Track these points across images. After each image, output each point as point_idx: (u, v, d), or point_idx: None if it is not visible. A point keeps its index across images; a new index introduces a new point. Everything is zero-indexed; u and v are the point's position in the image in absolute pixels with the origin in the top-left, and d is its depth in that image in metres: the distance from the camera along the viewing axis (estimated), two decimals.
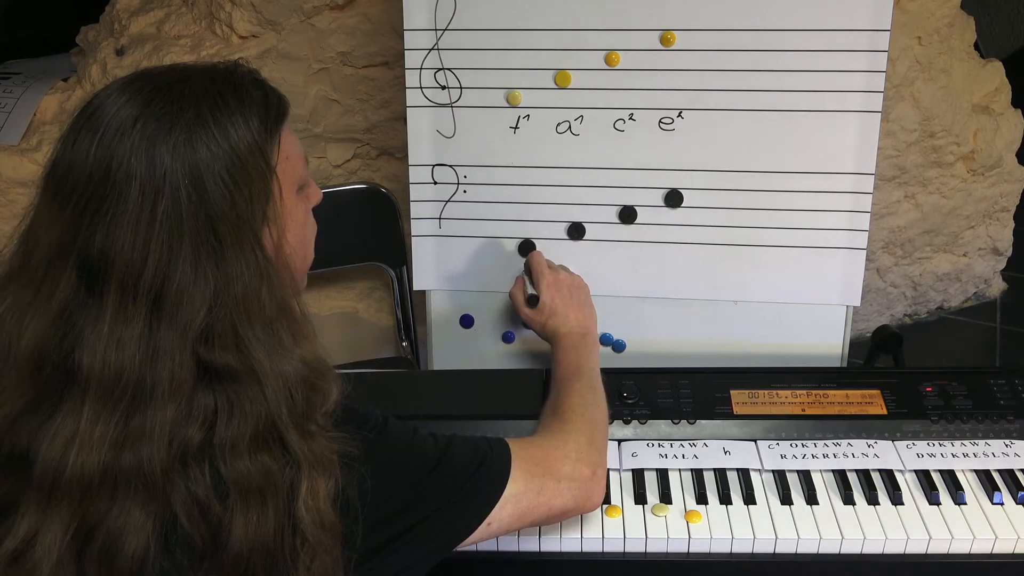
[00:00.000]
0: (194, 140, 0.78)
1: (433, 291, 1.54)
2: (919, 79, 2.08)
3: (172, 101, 0.79)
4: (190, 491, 0.78)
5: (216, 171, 0.78)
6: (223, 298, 0.78)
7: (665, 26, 1.39)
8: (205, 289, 0.78)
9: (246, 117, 0.82)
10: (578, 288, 1.36)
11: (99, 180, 0.77)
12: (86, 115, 0.80)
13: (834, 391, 1.30)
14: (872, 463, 1.21)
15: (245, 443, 0.78)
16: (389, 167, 2.06)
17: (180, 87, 0.81)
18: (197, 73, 0.84)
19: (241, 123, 0.81)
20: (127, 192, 0.76)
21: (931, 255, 2.36)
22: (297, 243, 0.90)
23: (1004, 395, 1.29)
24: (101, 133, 0.78)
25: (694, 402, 1.29)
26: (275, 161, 0.84)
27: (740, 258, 1.45)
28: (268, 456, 0.79)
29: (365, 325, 2.14)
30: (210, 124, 0.79)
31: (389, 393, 1.33)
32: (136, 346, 0.77)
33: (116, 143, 0.77)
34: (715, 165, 1.42)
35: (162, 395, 0.77)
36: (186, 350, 0.77)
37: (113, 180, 0.76)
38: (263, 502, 0.78)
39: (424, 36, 1.44)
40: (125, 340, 0.76)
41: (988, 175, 2.28)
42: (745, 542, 1.13)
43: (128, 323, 0.77)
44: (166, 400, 0.77)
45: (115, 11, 2.03)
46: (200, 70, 0.84)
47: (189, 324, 0.77)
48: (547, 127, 1.45)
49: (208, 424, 0.78)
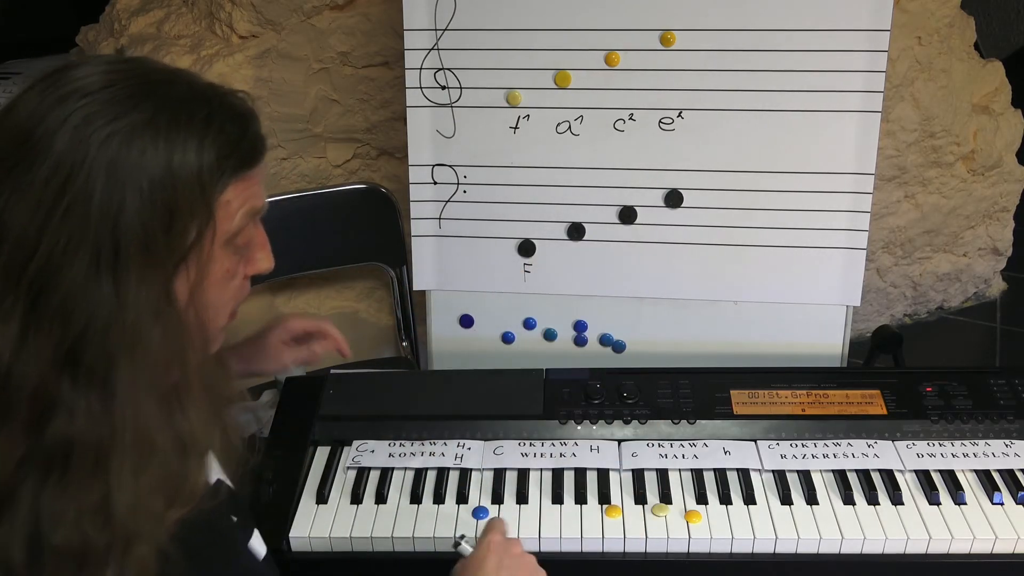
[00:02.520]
0: (133, 140, 0.70)
1: (433, 291, 1.54)
2: (919, 79, 2.08)
3: (138, 94, 0.72)
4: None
5: (140, 183, 0.70)
6: (109, 322, 0.70)
7: (665, 26, 1.39)
8: (93, 304, 0.69)
9: (202, 144, 0.73)
10: (528, 570, 0.99)
11: (21, 139, 0.70)
12: (59, 69, 0.74)
13: (834, 391, 1.30)
14: (872, 463, 1.21)
15: (72, 514, 0.69)
16: (389, 167, 2.06)
17: (157, 87, 0.74)
18: (188, 83, 0.77)
19: (193, 147, 0.73)
20: (40, 162, 0.69)
21: (931, 255, 2.36)
22: (213, 300, 0.79)
23: (1004, 395, 1.29)
24: (50, 92, 0.71)
25: (694, 402, 1.29)
26: (215, 203, 0.75)
27: (740, 258, 1.45)
28: (93, 528, 0.70)
29: (365, 325, 2.14)
30: (160, 132, 0.71)
31: (389, 393, 1.33)
32: (7, 347, 0.69)
33: (55, 108, 0.70)
34: (715, 165, 1.42)
35: (17, 413, 0.69)
36: (50, 371, 0.69)
37: (33, 144, 0.69)
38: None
39: (424, 36, 1.44)
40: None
41: (988, 175, 2.28)
42: (745, 542, 1.13)
43: (4, 318, 0.69)
44: (14, 424, 0.69)
45: (115, 11, 2.03)
46: (194, 83, 0.78)
47: (63, 338, 0.69)
48: (547, 127, 1.45)
49: (42, 473, 0.69)
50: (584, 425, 1.27)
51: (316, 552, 1.15)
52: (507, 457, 1.23)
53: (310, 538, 1.14)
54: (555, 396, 1.31)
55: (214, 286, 0.78)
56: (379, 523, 1.15)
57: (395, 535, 1.14)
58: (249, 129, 0.80)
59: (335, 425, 1.28)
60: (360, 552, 1.15)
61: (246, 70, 1.89)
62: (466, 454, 1.24)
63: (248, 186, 0.79)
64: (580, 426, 1.27)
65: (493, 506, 1.17)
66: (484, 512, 1.16)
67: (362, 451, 1.25)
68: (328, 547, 1.15)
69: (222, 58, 1.88)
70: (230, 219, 0.78)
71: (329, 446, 1.27)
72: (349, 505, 1.18)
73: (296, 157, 1.99)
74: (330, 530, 1.15)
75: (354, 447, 1.26)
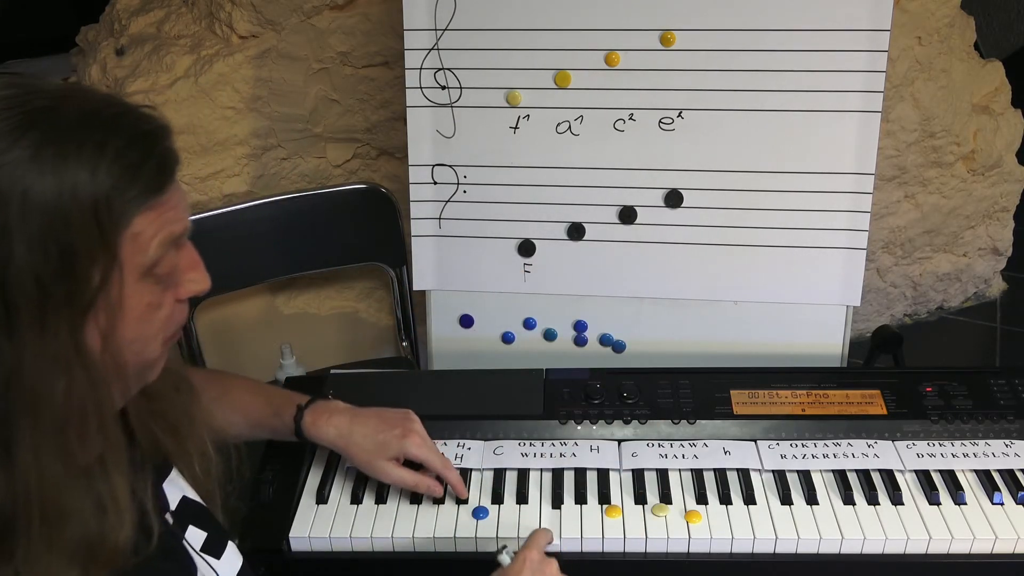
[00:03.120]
0: (15, 181, 0.62)
1: (433, 291, 1.54)
2: (919, 79, 2.08)
3: (19, 127, 0.63)
4: None
5: (28, 229, 0.62)
6: (5, 384, 0.64)
7: (665, 26, 1.39)
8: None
9: (94, 176, 0.64)
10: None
11: None
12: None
13: (834, 391, 1.30)
14: (872, 463, 1.21)
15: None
16: (389, 167, 2.06)
17: (41, 115, 0.65)
18: (78, 106, 0.67)
19: (85, 181, 0.64)
20: None
21: (931, 255, 2.36)
22: (137, 335, 0.72)
23: (1004, 395, 1.29)
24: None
25: (694, 402, 1.30)
26: (118, 240, 0.67)
27: (740, 258, 1.45)
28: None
29: (365, 325, 2.14)
30: (46, 168, 0.63)
31: (389, 393, 1.33)
32: None
33: None
34: (715, 165, 1.42)
35: None
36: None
37: None
38: None
39: (424, 36, 1.44)
40: None
41: (988, 175, 2.28)
42: (745, 542, 1.13)
43: None
44: None
45: (115, 11, 2.03)
46: (86, 104, 0.68)
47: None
48: (547, 127, 1.45)
49: None
50: (584, 425, 1.27)
51: (316, 552, 1.15)
52: (507, 457, 1.23)
53: (310, 538, 1.14)
54: (555, 396, 1.31)
55: (135, 322, 0.71)
56: (379, 523, 1.15)
57: (395, 535, 1.14)
58: (154, 150, 0.70)
59: None
60: (360, 552, 1.15)
61: (246, 70, 1.89)
62: (466, 454, 1.24)
63: (161, 212, 0.70)
64: (580, 426, 1.27)
65: (493, 506, 1.17)
66: (484, 512, 1.16)
67: None
68: (328, 547, 1.15)
69: (222, 58, 1.88)
70: (143, 252, 0.69)
71: None
72: (349, 505, 1.18)
73: (296, 157, 1.99)
74: (330, 530, 1.15)
75: None
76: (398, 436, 1.14)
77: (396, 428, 1.14)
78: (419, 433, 1.15)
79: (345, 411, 1.16)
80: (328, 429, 1.14)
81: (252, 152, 1.95)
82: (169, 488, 0.88)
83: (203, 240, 0.79)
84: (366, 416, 1.16)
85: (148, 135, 0.70)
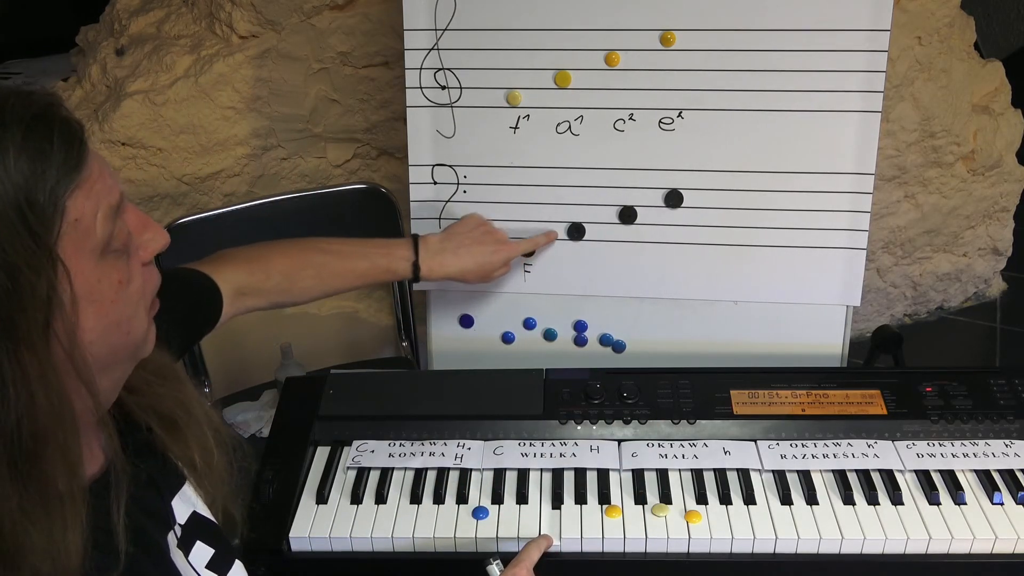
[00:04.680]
0: None
1: (433, 291, 1.54)
2: (919, 79, 2.08)
3: None
4: None
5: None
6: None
7: (665, 26, 1.39)
8: None
9: (2, 171, 0.60)
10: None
11: None
12: None
13: (834, 391, 1.30)
14: (872, 463, 1.21)
15: None
16: (389, 167, 2.06)
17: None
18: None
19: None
20: None
21: (931, 255, 2.36)
22: (121, 315, 0.69)
23: (1004, 395, 1.29)
24: None
25: (694, 402, 1.29)
26: (54, 234, 0.63)
27: (740, 258, 1.45)
28: None
29: (365, 325, 2.14)
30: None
31: (389, 393, 1.33)
32: None
33: None
34: (715, 165, 1.42)
35: None
36: None
37: None
38: None
39: (424, 36, 1.44)
40: None
41: (988, 175, 2.28)
42: (745, 542, 1.13)
43: None
44: None
45: (115, 11, 2.03)
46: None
47: None
48: (547, 127, 1.45)
49: None
50: (584, 425, 1.27)
51: (316, 552, 1.15)
52: (507, 457, 1.23)
53: (310, 538, 1.14)
54: (555, 396, 1.31)
55: (113, 304, 0.68)
56: (379, 523, 1.15)
57: (395, 535, 1.14)
58: (54, 127, 0.64)
59: (335, 425, 1.28)
60: (360, 552, 1.15)
61: (246, 70, 1.89)
62: (466, 454, 1.24)
63: (90, 187, 0.65)
64: (580, 426, 1.27)
65: (493, 506, 1.17)
66: (484, 512, 1.16)
67: (362, 451, 1.25)
68: (328, 547, 1.15)
69: (222, 58, 1.88)
70: (90, 234, 0.65)
71: (329, 446, 1.27)
72: (349, 505, 1.18)
73: (296, 157, 1.99)
74: (330, 530, 1.15)
75: (354, 447, 1.26)
76: (492, 253, 1.37)
77: (487, 246, 1.37)
78: (503, 242, 1.40)
79: (442, 250, 1.34)
80: (446, 270, 1.34)
81: (252, 152, 1.95)
82: (178, 503, 0.87)
83: (203, 240, 0.79)
84: (462, 250, 1.36)
85: (41, 116, 0.64)
